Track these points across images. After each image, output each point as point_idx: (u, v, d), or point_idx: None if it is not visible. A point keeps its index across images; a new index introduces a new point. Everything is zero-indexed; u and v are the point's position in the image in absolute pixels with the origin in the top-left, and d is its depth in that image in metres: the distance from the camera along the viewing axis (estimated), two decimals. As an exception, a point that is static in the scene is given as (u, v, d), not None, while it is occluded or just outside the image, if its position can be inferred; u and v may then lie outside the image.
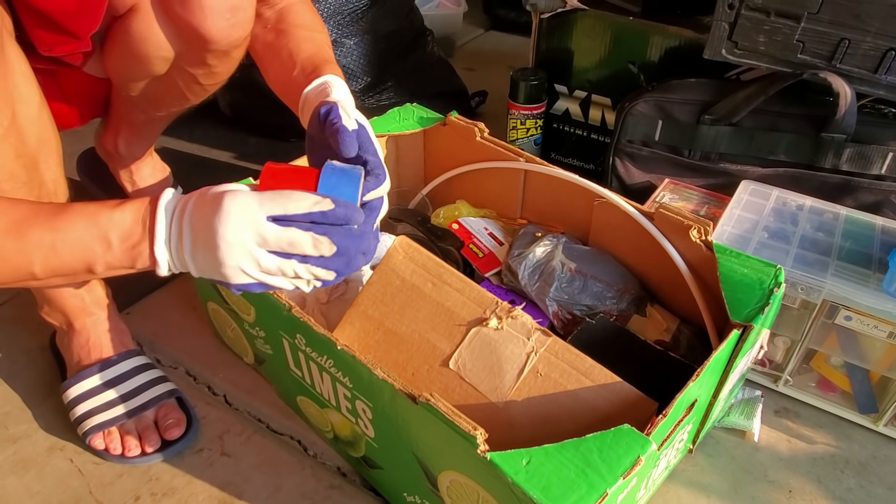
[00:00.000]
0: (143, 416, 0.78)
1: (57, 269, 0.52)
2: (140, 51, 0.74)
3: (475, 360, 0.62)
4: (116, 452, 0.76)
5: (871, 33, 0.82)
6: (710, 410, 0.70)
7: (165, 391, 0.79)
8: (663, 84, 0.98)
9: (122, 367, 0.79)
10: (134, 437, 0.76)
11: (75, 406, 0.77)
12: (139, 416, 0.77)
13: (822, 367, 0.80)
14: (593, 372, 0.59)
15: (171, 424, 0.77)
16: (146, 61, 0.75)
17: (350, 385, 0.63)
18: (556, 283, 0.80)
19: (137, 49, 0.74)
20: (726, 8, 0.88)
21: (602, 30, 1.08)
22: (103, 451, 0.76)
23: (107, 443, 0.76)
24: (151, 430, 0.77)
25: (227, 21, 0.71)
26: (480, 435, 0.50)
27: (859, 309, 0.72)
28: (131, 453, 0.76)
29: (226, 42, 0.73)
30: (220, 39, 0.72)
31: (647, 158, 1.01)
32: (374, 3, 1.22)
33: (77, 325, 0.79)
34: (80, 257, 0.52)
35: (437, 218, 0.96)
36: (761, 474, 0.75)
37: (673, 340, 0.77)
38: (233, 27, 0.72)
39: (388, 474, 0.69)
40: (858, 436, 0.79)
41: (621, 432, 0.51)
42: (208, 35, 0.71)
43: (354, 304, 0.68)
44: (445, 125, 0.93)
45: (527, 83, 1.15)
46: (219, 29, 0.71)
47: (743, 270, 0.67)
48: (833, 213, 0.85)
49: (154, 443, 0.76)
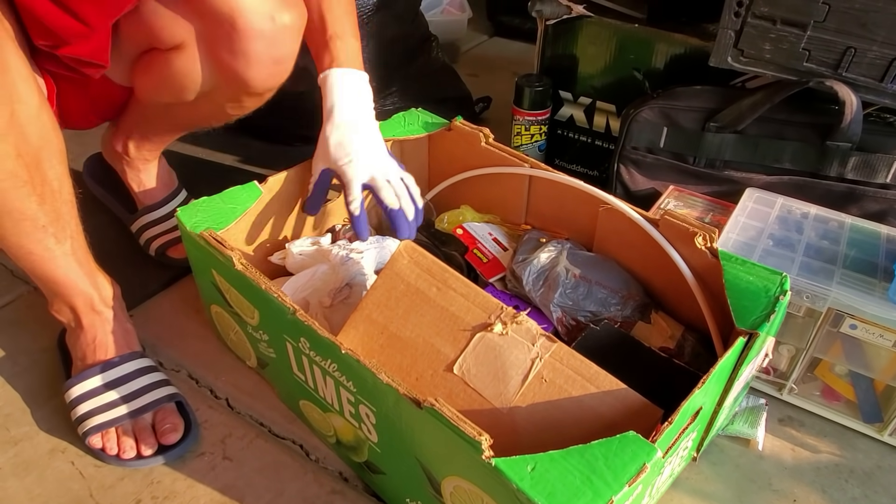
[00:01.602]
0: (142, 418, 0.77)
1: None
2: (177, 83, 0.77)
3: (480, 366, 0.61)
4: (113, 453, 0.76)
5: (878, 42, 0.82)
6: (714, 418, 0.69)
7: (165, 395, 0.79)
8: (668, 91, 0.99)
9: (124, 368, 0.79)
10: (130, 439, 0.76)
11: (77, 405, 0.77)
12: (137, 419, 0.77)
13: (827, 376, 0.80)
14: (598, 378, 0.59)
15: (167, 429, 0.76)
16: (181, 91, 0.79)
17: (354, 389, 0.63)
18: (560, 289, 0.80)
19: (175, 81, 0.77)
20: (732, 16, 0.88)
21: (607, 37, 1.08)
22: (100, 450, 0.76)
23: (104, 443, 0.76)
24: (148, 433, 0.77)
25: (269, 72, 0.76)
26: (485, 440, 0.50)
27: (864, 317, 0.72)
28: (126, 455, 0.75)
29: (263, 87, 0.78)
30: (259, 86, 0.77)
31: (652, 165, 1.01)
32: (379, 8, 1.22)
33: (85, 322, 0.79)
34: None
35: (442, 223, 0.96)
36: (765, 483, 0.75)
37: (677, 347, 0.77)
38: (273, 77, 0.77)
39: (390, 479, 0.69)
40: (863, 445, 0.79)
41: (627, 439, 0.51)
42: (250, 82, 0.76)
43: (359, 309, 0.68)
44: (450, 130, 0.93)
45: (532, 89, 1.15)
46: (261, 78, 0.76)
47: (748, 278, 0.67)
48: (838, 221, 0.85)
49: (150, 446, 0.76)
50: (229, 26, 0.70)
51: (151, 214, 1.01)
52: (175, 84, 0.77)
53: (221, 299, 0.79)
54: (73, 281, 0.76)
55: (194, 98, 0.79)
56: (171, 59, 0.75)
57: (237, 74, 0.74)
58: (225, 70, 0.74)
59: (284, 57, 0.76)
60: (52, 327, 0.88)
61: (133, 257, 1.02)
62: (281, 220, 0.87)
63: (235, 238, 0.80)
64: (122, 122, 0.95)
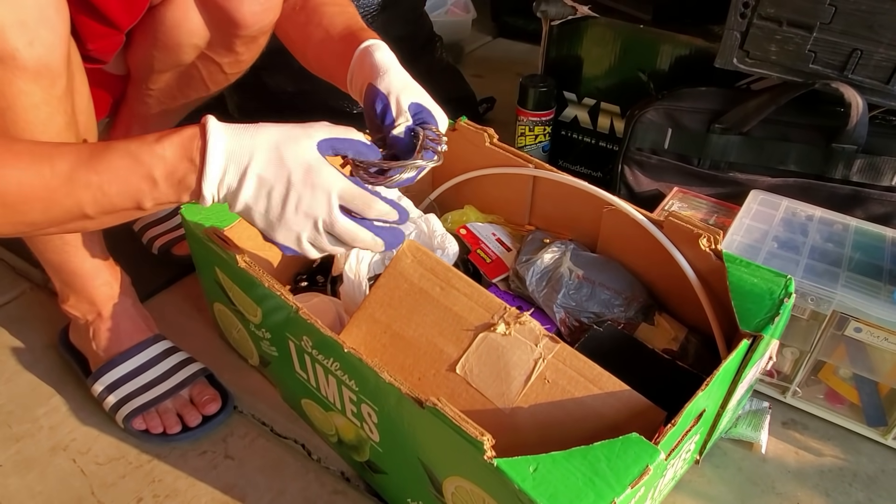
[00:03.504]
0: (179, 395, 0.80)
1: (107, 208, 0.52)
2: (172, 39, 0.77)
3: (482, 366, 0.61)
4: (158, 431, 0.77)
5: (884, 44, 0.81)
6: (717, 421, 0.69)
7: (198, 370, 0.82)
8: (673, 92, 0.98)
9: (151, 351, 0.81)
10: (174, 416, 0.78)
11: (108, 395, 0.78)
12: (175, 396, 0.79)
13: (831, 379, 0.80)
14: (601, 379, 0.59)
15: (207, 400, 0.79)
16: (177, 49, 0.78)
17: (356, 388, 0.63)
18: (563, 290, 0.80)
19: (169, 37, 0.76)
20: (738, 17, 0.88)
21: (612, 38, 1.08)
22: (144, 431, 0.77)
23: (148, 423, 0.78)
24: (190, 408, 0.79)
25: (261, 6, 0.74)
26: (488, 441, 0.50)
27: (869, 321, 0.71)
28: (173, 430, 0.77)
29: (257, 27, 0.76)
30: (252, 24, 0.75)
31: (656, 167, 1.01)
32: (384, 7, 1.22)
33: (105, 312, 0.80)
34: (128, 196, 0.52)
35: (446, 223, 0.96)
36: (769, 486, 0.74)
37: (681, 349, 0.77)
38: (265, 11, 0.75)
39: (392, 479, 0.69)
40: (867, 449, 0.78)
41: (630, 441, 0.51)
42: (242, 20, 0.75)
43: (362, 307, 0.68)
44: (455, 130, 0.93)
45: (536, 90, 1.15)
46: (253, 13, 0.74)
47: (753, 280, 0.66)
48: (843, 223, 0.84)
49: (195, 418, 0.78)
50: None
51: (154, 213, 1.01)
52: (170, 41, 0.77)
53: (224, 297, 0.79)
54: (98, 271, 0.77)
55: (190, 58, 0.79)
56: (163, 13, 0.75)
57: (229, 14, 0.74)
58: (217, 11, 0.74)
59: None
60: (54, 324, 0.88)
61: (135, 255, 1.02)
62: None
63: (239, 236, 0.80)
64: (119, 116, 0.94)
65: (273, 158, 0.53)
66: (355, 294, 0.77)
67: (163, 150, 0.52)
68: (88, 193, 0.51)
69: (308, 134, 0.54)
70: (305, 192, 0.54)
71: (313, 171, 0.53)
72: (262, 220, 0.55)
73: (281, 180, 0.53)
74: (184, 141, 0.52)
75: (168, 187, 0.52)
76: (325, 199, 0.54)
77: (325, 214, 0.55)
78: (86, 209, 0.52)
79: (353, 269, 0.77)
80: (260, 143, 0.53)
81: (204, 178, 0.52)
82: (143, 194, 0.52)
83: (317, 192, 0.54)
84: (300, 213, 0.54)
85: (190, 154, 0.52)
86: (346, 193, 0.55)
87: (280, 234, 0.56)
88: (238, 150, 0.53)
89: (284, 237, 0.56)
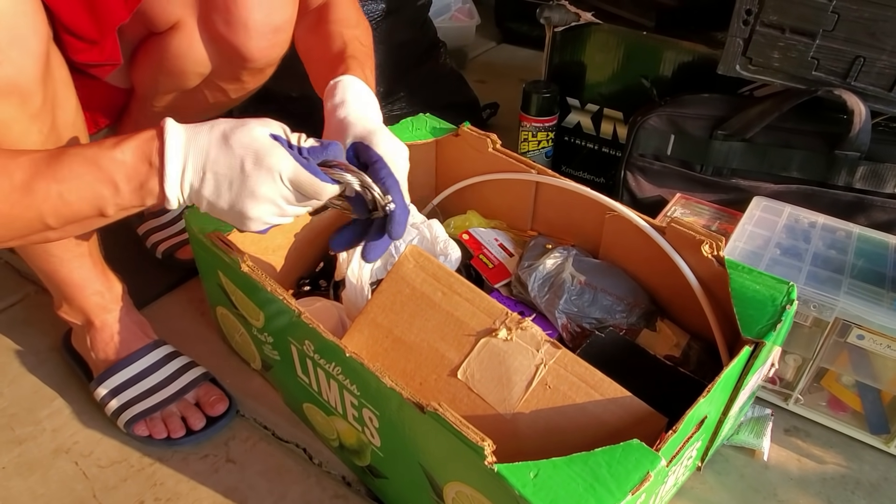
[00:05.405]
0: (184, 399, 0.80)
1: (69, 218, 0.52)
2: (177, 67, 0.76)
3: (484, 371, 0.61)
4: (161, 436, 0.77)
5: (887, 51, 0.82)
6: (719, 428, 0.69)
7: (200, 374, 0.82)
8: (676, 99, 0.98)
9: (151, 357, 0.81)
10: (178, 419, 0.78)
11: (110, 400, 0.78)
12: (179, 400, 0.79)
13: (834, 387, 0.79)
14: (603, 385, 0.59)
15: (214, 401, 0.79)
16: (181, 77, 0.77)
17: (357, 393, 0.63)
18: (565, 296, 0.80)
19: (174, 65, 0.75)
20: (741, 24, 0.88)
21: (615, 44, 1.08)
22: (147, 437, 0.77)
23: (150, 429, 0.77)
24: (194, 410, 0.79)
25: (269, 41, 0.73)
26: (488, 446, 0.50)
27: (872, 328, 0.71)
28: (177, 434, 0.77)
29: (264, 61, 0.75)
30: (259, 58, 0.74)
31: (659, 173, 1.01)
32: (388, 13, 1.22)
33: (97, 322, 0.80)
34: (90, 203, 0.52)
35: (448, 228, 0.96)
36: (770, 494, 0.74)
37: (683, 356, 0.77)
38: (273, 47, 0.74)
39: (393, 484, 0.69)
40: (869, 457, 0.78)
41: (630, 447, 0.51)
42: (249, 54, 0.73)
43: (364, 312, 0.68)
44: (458, 136, 0.93)
45: (539, 96, 1.15)
46: (260, 48, 0.73)
47: (755, 287, 0.66)
48: (846, 230, 0.84)
49: (199, 420, 0.78)
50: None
51: (159, 219, 1.01)
52: (175, 69, 0.76)
53: (227, 301, 0.80)
54: (88, 281, 0.76)
55: (194, 84, 0.78)
56: (168, 41, 0.73)
57: (236, 48, 0.72)
58: (223, 45, 0.72)
59: (283, 24, 0.73)
60: (58, 327, 0.88)
61: (138, 259, 1.02)
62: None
63: (242, 240, 0.80)
64: (122, 126, 0.95)
65: (224, 149, 0.52)
66: (357, 299, 0.77)
67: (122, 155, 0.51)
68: (48, 204, 0.50)
69: (263, 122, 0.54)
70: (260, 175, 0.52)
71: (264, 153, 0.52)
72: (229, 214, 0.55)
73: (235, 169, 0.52)
74: (141, 143, 0.52)
75: (130, 192, 0.52)
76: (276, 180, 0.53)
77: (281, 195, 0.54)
78: (48, 220, 0.51)
79: (355, 274, 0.77)
80: (214, 137, 0.53)
81: (165, 179, 0.51)
82: (104, 201, 0.51)
83: (270, 173, 0.53)
84: (261, 199, 0.53)
85: (149, 156, 0.51)
86: (295, 175, 0.54)
87: (253, 224, 0.56)
88: (195, 148, 0.52)
89: (257, 226, 0.56)
